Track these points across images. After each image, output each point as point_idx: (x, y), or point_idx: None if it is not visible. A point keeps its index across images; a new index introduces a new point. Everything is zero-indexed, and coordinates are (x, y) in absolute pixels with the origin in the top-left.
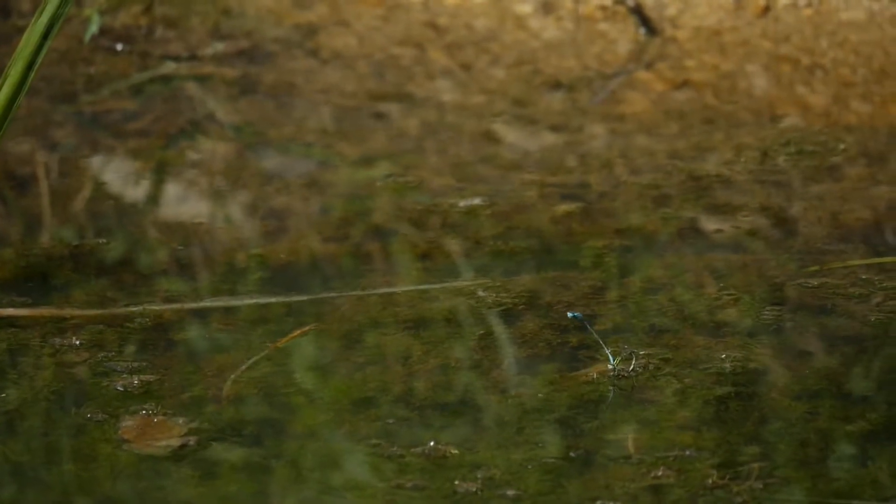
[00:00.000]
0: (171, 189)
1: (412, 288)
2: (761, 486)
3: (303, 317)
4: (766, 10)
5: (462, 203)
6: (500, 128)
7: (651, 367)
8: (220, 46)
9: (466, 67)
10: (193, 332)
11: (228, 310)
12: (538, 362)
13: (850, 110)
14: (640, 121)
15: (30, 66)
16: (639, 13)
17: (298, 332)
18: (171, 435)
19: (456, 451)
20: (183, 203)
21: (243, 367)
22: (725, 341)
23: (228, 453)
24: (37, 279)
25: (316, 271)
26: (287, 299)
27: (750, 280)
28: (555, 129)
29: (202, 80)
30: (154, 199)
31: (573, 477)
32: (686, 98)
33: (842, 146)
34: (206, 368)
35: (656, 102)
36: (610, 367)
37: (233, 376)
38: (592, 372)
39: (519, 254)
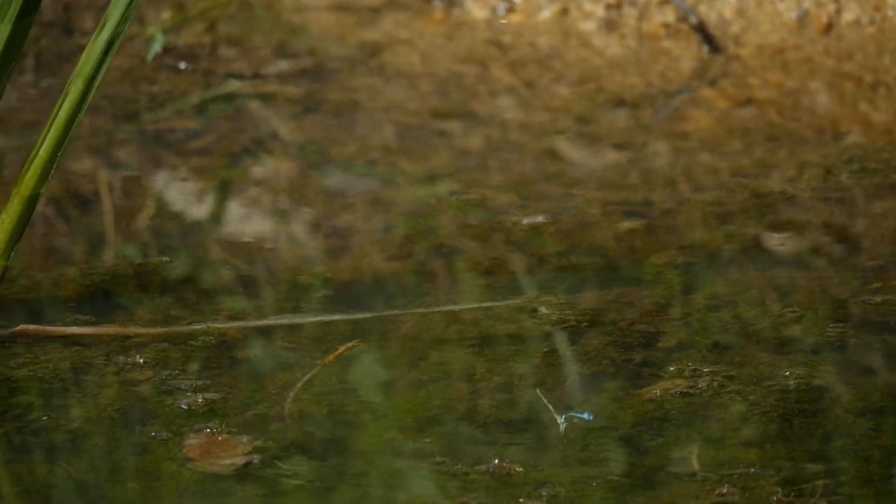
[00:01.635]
0: (235, 207)
1: (475, 305)
2: (826, 503)
3: (367, 335)
4: (829, 27)
5: (525, 220)
6: (563, 145)
7: (715, 384)
8: (283, 65)
9: (529, 85)
10: (257, 350)
11: (292, 328)
12: (602, 379)
13: None
14: (704, 138)
15: (90, 84)
16: (702, 31)
17: (343, 348)
18: (235, 453)
19: (520, 469)
20: (246, 221)
21: (299, 385)
22: (789, 358)
23: (293, 471)
24: (100, 297)
25: (379, 289)
26: (351, 317)
27: (813, 297)
28: (618, 146)
29: (265, 98)
30: (217, 217)
31: (638, 494)
32: (749, 115)
33: None
34: (270, 386)
35: (720, 120)
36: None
37: (290, 394)
38: (656, 389)
39: (582, 271)
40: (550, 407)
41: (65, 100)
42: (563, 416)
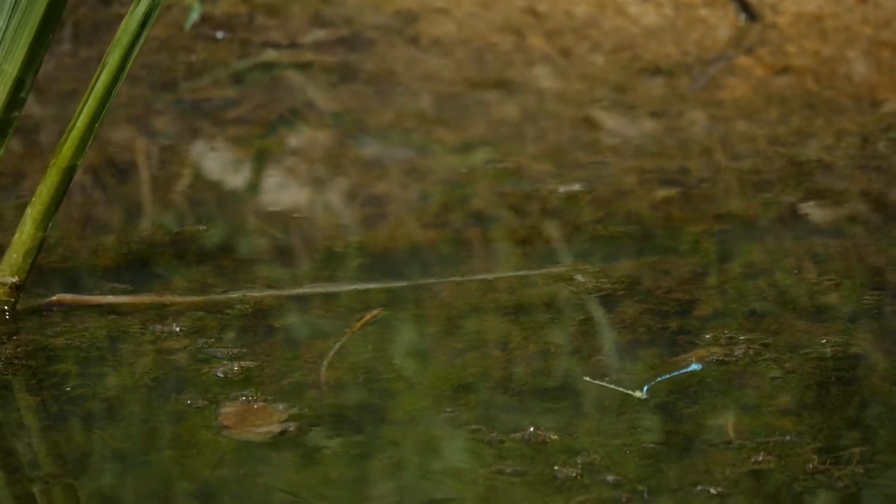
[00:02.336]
0: (271, 176)
1: (511, 274)
2: (862, 470)
3: (403, 303)
4: None
5: (561, 189)
6: (599, 114)
7: (751, 352)
8: (320, 34)
9: (566, 54)
10: (293, 319)
11: (328, 296)
12: (638, 347)
13: None
14: (740, 106)
15: (127, 54)
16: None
17: (369, 316)
18: (271, 421)
19: (556, 437)
20: (282, 190)
21: (331, 354)
22: (826, 326)
23: (329, 439)
24: (137, 266)
25: (415, 257)
26: (387, 285)
27: (850, 265)
28: (654, 115)
29: (302, 67)
30: (254, 186)
31: (673, 462)
32: (786, 83)
33: None
34: (306, 355)
35: (756, 88)
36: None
37: (324, 363)
38: (692, 357)
39: (618, 239)
40: (614, 386)
41: (102, 70)
42: (645, 388)
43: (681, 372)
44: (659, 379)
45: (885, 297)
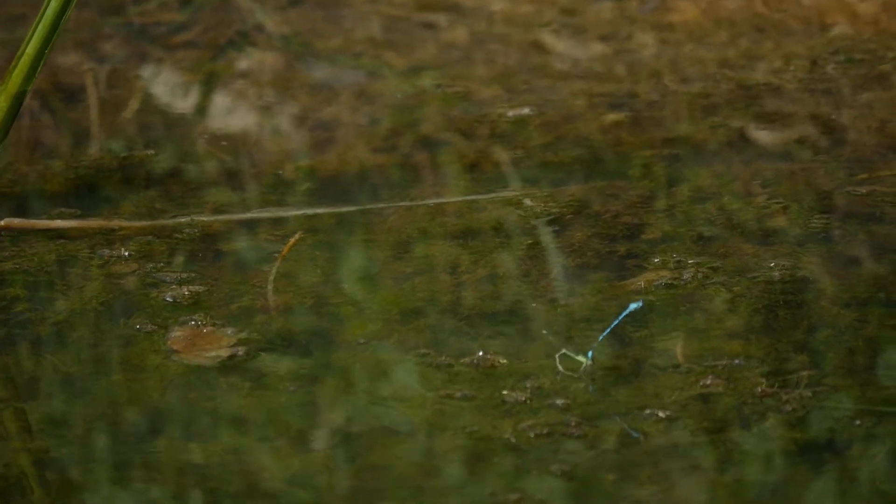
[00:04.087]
0: (220, 100)
1: (460, 198)
2: (810, 394)
3: (352, 227)
4: None
5: (510, 113)
6: (548, 37)
7: (700, 275)
8: None
9: None
10: (242, 243)
11: (277, 221)
12: (587, 271)
13: None
14: (690, 29)
15: None
16: None
17: (292, 240)
18: (220, 345)
19: (504, 361)
20: (231, 114)
21: (271, 279)
22: (774, 249)
23: (277, 364)
24: (86, 191)
25: (364, 182)
26: (335, 210)
27: (798, 188)
28: (603, 38)
29: None
30: (202, 110)
31: (622, 386)
32: (736, 6)
33: (891, 54)
34: (255, 279)
35: (706, 11)
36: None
37: (269, 288)
38: (641, 281)
39: (567, 163)
40: (574, 355)
41: None
42: (590, 354)
43: (621, 318)
44: (601, 337)
45: (832, 220)
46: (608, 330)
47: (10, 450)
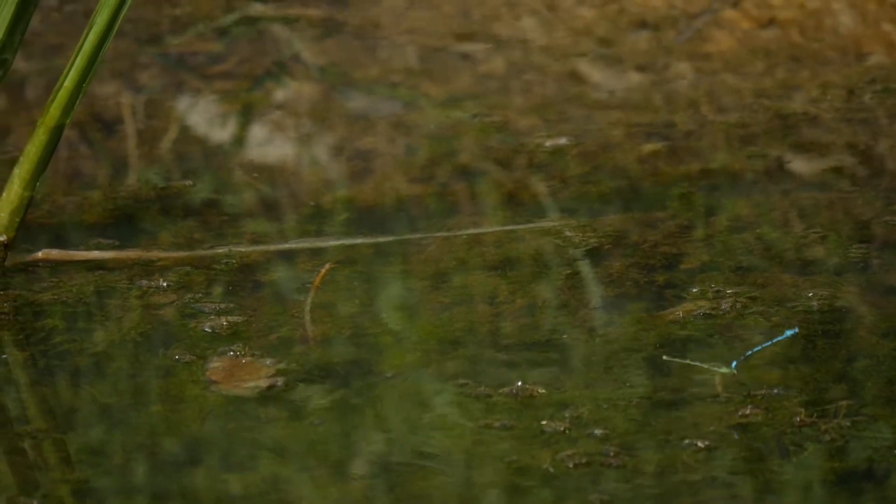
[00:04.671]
0: (257, 130)
1: (498, 228)
2: (849, 423)
3: (389, 257)
4: None
5: (548, 143)
6: (585, 67)
7: (738, 305)
8: None
9: (552, 7)
10: (280, 274)
11: (314, 251)
12: (625, 301)
13: None
14: (726, 59)
15: (115, 14)
16: None
17: (323, 271)
18: (258, 376)
19: (543, 391)
20: (269, 144)
21: (307, 308)
22: (812, 279)
23: (316, 394)
24: (124, 221)
25: (402, 212)
26: (373, 240)
27: (836, 218)
28: (640, 68)
29: (288, 21)
30: (240, 140)
31: (660, 416)
32: (772, 36)
33: None
34: (293, 310)
35: (742, 41)
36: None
37: (306, 318)
38: (679, 310)
39: (605, 193)
40: (700, 364)
41: (90, 30)
42: (734, 364)
43: (774, 341)
44: (749, 353)
45: (870, 249)
46: (759, 347)
47: (49, 480)
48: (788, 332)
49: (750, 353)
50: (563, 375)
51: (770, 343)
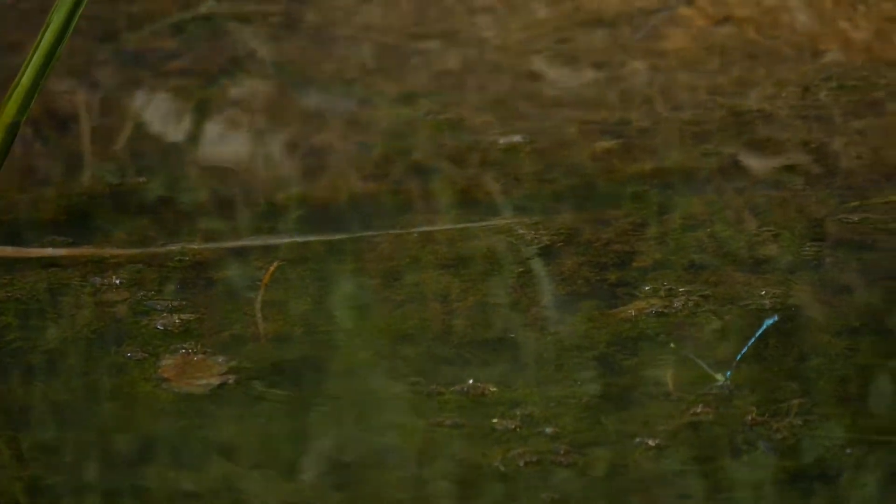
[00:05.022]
0: (212, 128)
1: (451, 226)
2: (801, 422)
3: (343, 255)
4: None
5: (502, 140)
6: (541, 65)
7: (691, 304)
8: None
9: (508, 4)
10: (233, 271)
11: (268, 248)
12: (577, 300)
13: (891, 45)
14: (682, 57)
15: (72, 12)
16: None
17: (271, 268)
18: (210, 374)
19: (495, 389)
20: (223, 142)
21: (258, 306)
22: (765, 278)
23: (268, 392)
24: (78, 218)
25: (355, 210)
26: (326, 237)
27: (790, 216)
28: (595, 65)
29: (243, 18)
30: (195, 138)
31: (611, 414)
32: (727, 33)
33: (883, 81)
34: (246, 308)
35: (697, 38)
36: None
37: (257, 316)
38: (632, 309)
39: (559, 191)
40: (702, 364)
41: (47, 28)
42: (728, 373)
43: (758, 335)
44: (738, 357)
45: (824, 248)
46: (745, 348)
47: (2, 478)
48: (768, 322)
49: (739, 356)
50: (515, 373)
51: (754, 339)
